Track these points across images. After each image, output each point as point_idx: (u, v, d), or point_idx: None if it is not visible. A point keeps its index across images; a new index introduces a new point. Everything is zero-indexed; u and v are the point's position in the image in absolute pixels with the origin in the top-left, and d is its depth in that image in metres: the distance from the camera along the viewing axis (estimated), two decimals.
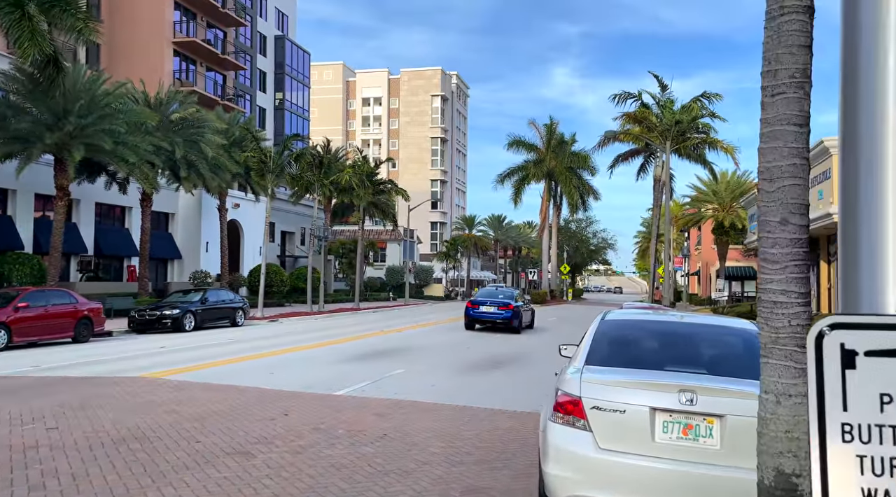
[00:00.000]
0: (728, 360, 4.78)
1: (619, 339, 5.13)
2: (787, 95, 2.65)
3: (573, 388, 4.33)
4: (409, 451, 6.75)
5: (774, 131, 2.65)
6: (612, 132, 25.28)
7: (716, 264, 50.55)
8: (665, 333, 5.32)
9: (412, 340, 19.01)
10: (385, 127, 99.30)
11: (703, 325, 5.57)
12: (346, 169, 32.15)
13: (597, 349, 4.97)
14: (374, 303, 47.60)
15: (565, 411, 4.29)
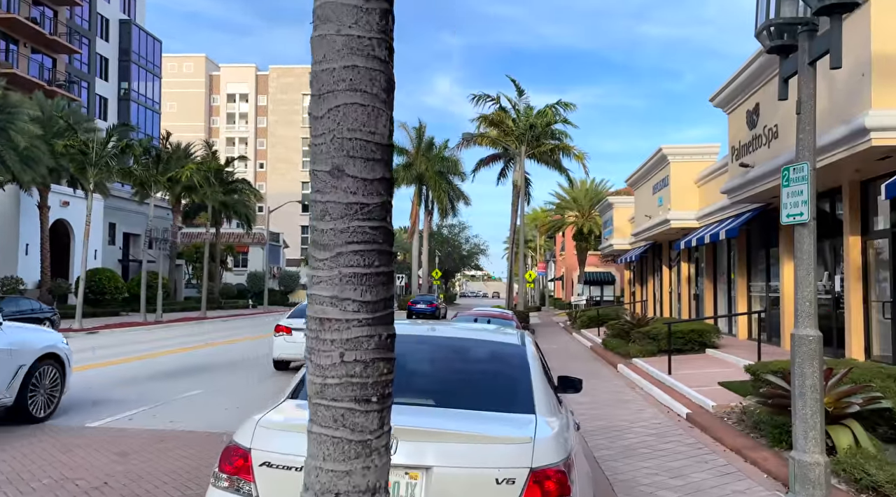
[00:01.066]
0: (470, 386, 3.80)
1: None
2: None
3: (244, 436, 3.06)
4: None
5: (326, 6, 1.52)
6: (469, 134, 24.74)
7: (577, 269, 52.10)
8: (413, 352, 4.16)
9: (238, 353, 17.14)
10: (252, 125, 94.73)
11: (467, 340, 4.45)
12: (188, 165, 29.27)
13: None
14: (229, 311, 44.37)
15: (231, 470, 3.00)
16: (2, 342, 7.67)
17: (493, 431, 3.06)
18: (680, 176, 20.15)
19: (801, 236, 5.39)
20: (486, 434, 2.99)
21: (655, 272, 28.00)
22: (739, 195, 13.99)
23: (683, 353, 14.87)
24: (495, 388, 3.71)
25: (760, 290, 16.32)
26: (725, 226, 15.90)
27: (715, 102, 14.86)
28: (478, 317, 12.31)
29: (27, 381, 7.91)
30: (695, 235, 18.21)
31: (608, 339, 18.67)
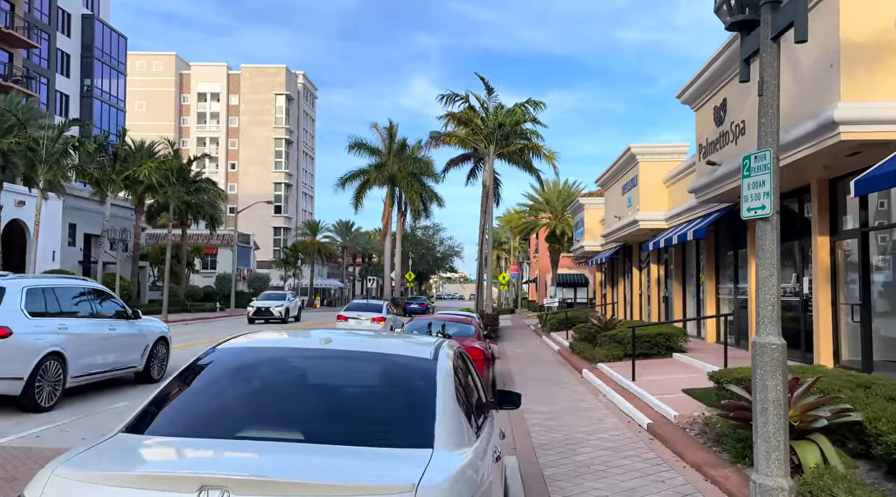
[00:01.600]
0: (355, 413, 3.06)
1: (208, 384, 3.23)
2: None
3: (35, 489, 2.37)
4: None
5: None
6: (436, 133, 24.11)
7: (550, 271, 51.77)
8: (289, 370, 3.47)
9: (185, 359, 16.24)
10: (224, 125, 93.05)
11: (365, 354, 3.62)
12: (147, 163, 28.18)
13: (161, 401, 3.04)
14: (194, 314, 43.16)
15: None
16: (137, 329, 11.52)
17: (362, 477, 2.35)
18: (649, 176, 19.74)
19: (762, 233, 4.85)
20: (350, 483, 2.28)
21: (626, 274, 27.63)
22: (706, 194, 13.55)
23: (650, 358, 14.38)
24: (387, 415, 3.02)
25: (729, 293, 15.92)
26: (693, 226, 15.47)
27: (682, 99, 14.42)
28: (433, 321, 11.67)
29: (150, 355, 11.79)
30: (663, 236, 17.79)
31: (575, 343, 18.16)
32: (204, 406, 3.05)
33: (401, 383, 3.31)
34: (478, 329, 12.11)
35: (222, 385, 3.24)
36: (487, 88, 26.34)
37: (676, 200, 18.77)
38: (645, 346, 14.31)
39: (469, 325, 12.06)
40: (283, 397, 3.10)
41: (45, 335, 9.26)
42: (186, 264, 51.88)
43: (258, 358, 3.58)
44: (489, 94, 26.49)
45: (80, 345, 9.84)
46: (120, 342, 10.85)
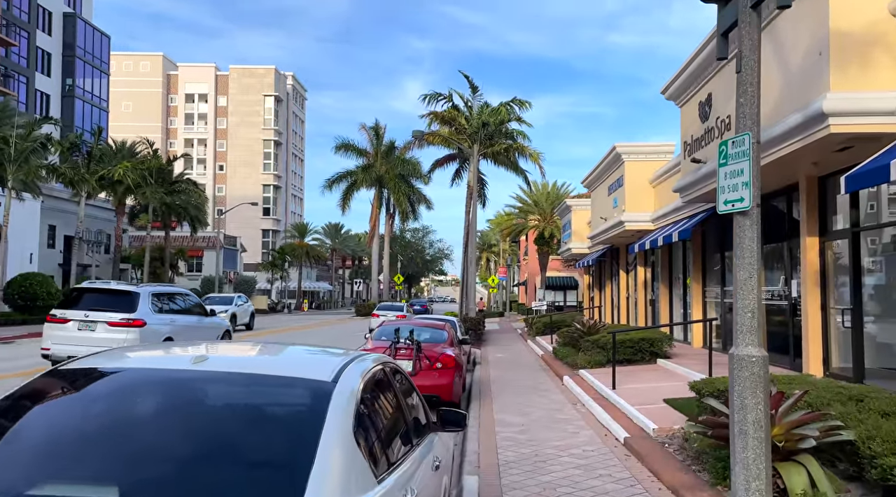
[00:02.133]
0: (200, 461, 2.26)
1: (13, 420, 2.49)
2: None
3: None
4: None
5: None
6: (419, 132, 23.44)
7: (539, 274, 51.24)
8: (123, 405, 2.66)
9: None
10: (212, 126, 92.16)
11: (239, 376, 2.79)
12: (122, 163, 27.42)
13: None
14: None
15: None
16: (212, 322, 15.16)
17: None
18: (634, 176, 19.21)
19: (741, 229, 4.28)
20: None
21: (613, 277, 27.10)
22: (691, 194, 13.01)
23: (633, 364, 13.82)
24: (247, 462, 2.25)
25: (715, 296, 15.38)
26: (679, 227, 14.93)
27: (667, 95, 13.89)
28: (401, 327, 11.05)
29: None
30: (649, 238, 17.24)
31: (559, 348, 17.58)
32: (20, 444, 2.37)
33: (277, 416, 2.62)
34: (451, 335, 11.50)
35: (31, 423, 2.48)
36: (472, 87, 25.78)
37: (663, 201, 18.24)
38: (628, 351, 13.74)
39: (441, 331, 11.44)
40: (109, 440, 2.35)
41: (163, 326, 13.11)
42: (170, 267, 51.07)
43: (95, 387, 2.77)
44: (474, 93, 25.94)
45: (182, 332, 13.48)
46: (203, 331, 14.61)
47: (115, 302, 12.77)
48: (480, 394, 12.12)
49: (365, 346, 10.57)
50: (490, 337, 27.87)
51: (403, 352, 10.20)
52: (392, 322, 11.95)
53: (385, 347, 10.27)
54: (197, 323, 14.45)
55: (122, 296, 13.02)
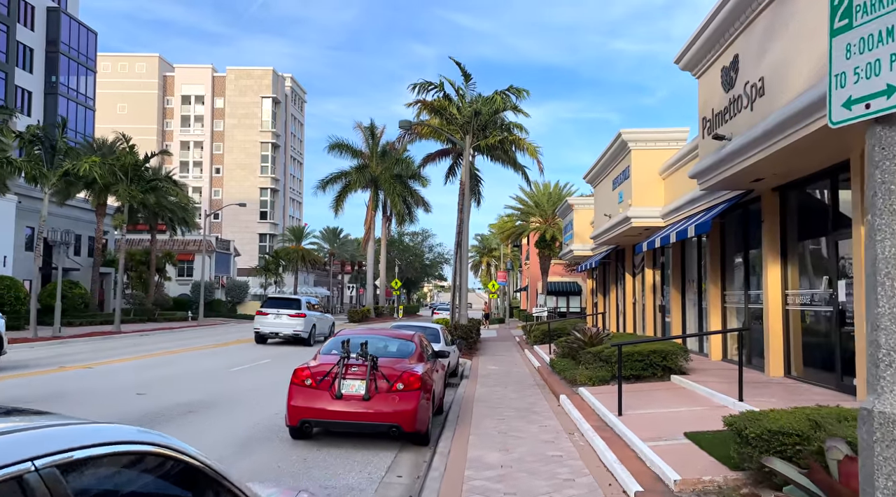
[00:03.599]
0: None
1: None
2: None
3: None
4: None
5: None
6: (406, 122, 21.38)
7: (541, 279, 49.10)
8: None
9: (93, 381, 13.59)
10: (208, 128, 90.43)
11: None
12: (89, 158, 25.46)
13: None
14: (159, 324, 40.33)
15: None
16: (326, 316, 27.65)
17: None
18: (642, 166, 17.13)
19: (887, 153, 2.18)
20: None
21: (618, 280, 24.98)
22: (712, 178, 10.93)
23: (643, 381, 11.72)
24: None
25: (737, 301, 13.27)
26: (695, 221, 12.85)
27: (682, 64, 11.82)
28: (352, 338, 9.01)
29: (330, 330, 26.48)
30: (659, 235, 15.15)
31: (557, 360, 15.48)
32: None
33: None
34: (421, 347, 9.41)
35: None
36: (464, 75, 23.73)
37: (674, 194, 16.17)
38: (637, 366, 11.65)
39: (408, 343, 9.34)
40: None
41: (311, 317, 24.34)
42: (157, 271, 49.11)
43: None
44: (466, 82, 23.88)
45: (316, 322, 24.77)
46: (323, 323, 25.99)
47: (289, 304, 24.52)
48: (459, 417, 10.05)
49: (306, 364, 8.52)
50: (486, 345, 25.77)
51: (356, 369, 8.14)
52: (347, 332, 9.88)
53: (332, 364, 8.22)
54: (321, 316, 26.50)
55: (292, 301, 24.95)
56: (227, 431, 8.92)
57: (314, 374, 8.17)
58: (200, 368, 16.47)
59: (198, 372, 15.70)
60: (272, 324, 23.45)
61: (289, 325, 23.16)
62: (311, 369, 8.23)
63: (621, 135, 17.11)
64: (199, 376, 14.77)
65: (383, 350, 9.02)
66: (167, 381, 13.61)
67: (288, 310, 23.51)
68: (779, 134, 8.39)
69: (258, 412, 10.23)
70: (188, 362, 17.98)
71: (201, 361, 18.30)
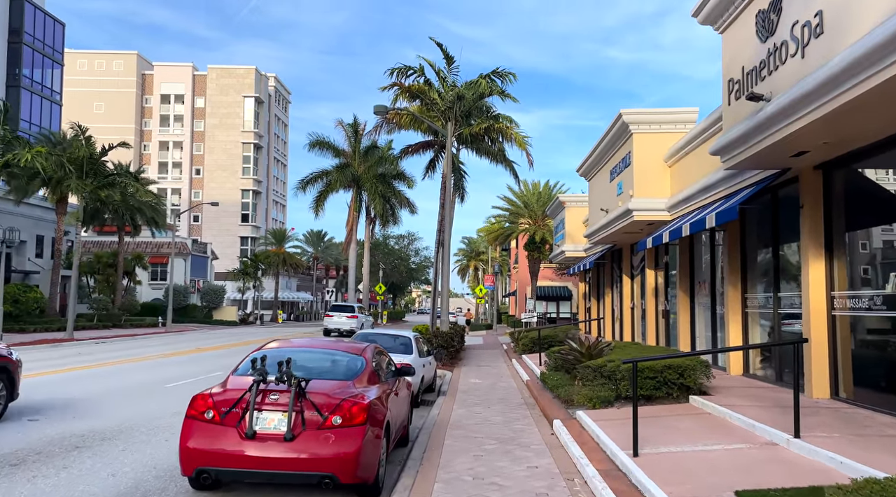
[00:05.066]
0: None
1: None
2: None
3: None
4: None
5: None
6: (382, 107, 19.18)
7: (530, 283, 46.99)
8: None
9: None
10: (188, 128, 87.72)
11: None
12: (33, 148, 23.05)
13: None
14: (122, 331, 37.76)
15: None
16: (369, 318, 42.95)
17: None
18: (646, 152, 15.05)
19: None
20: None
21: (614, 283, 22.90)
22: (741, 153, 8.83)
23: (655, 402, 9.57)
24: None
25: (764, 304, 11.18)
26: (716, 208, 10.74)
27: (701, 17, 9.74)
28: (270, 353, 6.79)
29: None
30: (668, 228, 13.04)
31: (549, 373, 13.30)
32: None
33: None
34: (373, 365, 7.17)
35: None
36: (447, 57, 21.57)
37: (683, 182, 14.09)
38: (647, 385, 9.50)
39: (355, 359, 7.07)
40: None
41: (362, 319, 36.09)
42: (125, 274, 46.52)
43: None
44: (449, 65, 21.72)
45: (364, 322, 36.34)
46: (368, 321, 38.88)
47: (348, 308, 35.71)
48: (427, 452, 7.86)
49: (209, 390, 6.26)
50: (470, 354, 23.58)
51: (276, 397, 5.91)
52: (272, 347, 7.62)
53: (243, 389, 5.99)
54: (366, 318, 37.17)
55: (349, 307, 36.10)
56: (110, 478, 6.66)
57: (218, 403, 5.94)
58: (134, 383, 14.16)
59: (128, 387, 13.39)
60: (336, 322, 34.19)
61: (346, 322, 33.95)
62: (215, 397, 6.00)
63: (622, 116, 15.01)
64: (127, 393, 12.46)
65: (320, 369, 6.80)
66: (83, 401, 11.29)
67: (346, 313, 35.62)
68: (845, 83, 6.31)
69: (164, 446, 7.97)
70: (126, 375, 15.66)
71: (143, 373, 15.98)
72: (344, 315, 34.73)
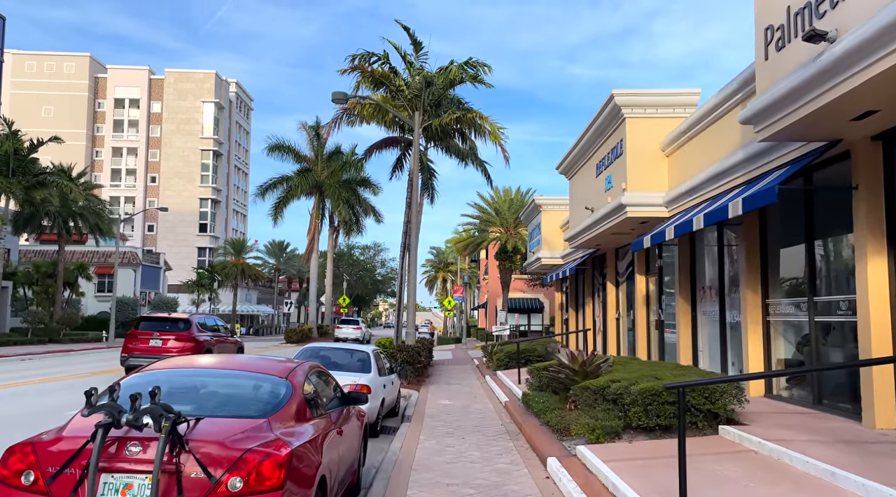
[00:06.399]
0: None
1: None
2: None
3: None
4: None
5: None
6: (341, 94, 17.03)
7: (501, 295, 45.07)
8: None
9: None
10: (144, 134, 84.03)
11: None
12: None
13: None
14: (62, 346, 34.54)
15: None
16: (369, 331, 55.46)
17: None
18: (640, 139, 13.23)
19: None
20: None
21: (596, 292, 21.05)
22: (787, 117, 6.98)
23: (673, 432, 7.57)
24: None
25: (792, 312, 9.33)
26: (740, 193, 8.88)
27: None
28: (124, 381, 4.62)
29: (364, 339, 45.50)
30: (671, 223, 11.16)
31: (532, 394, 11.24)
32: None
33: None
34: (300, 396, 4.68)
35: None
36: (414, 43, 19.57)
37: (685, 173, 12.28)
38: (665, 412, 7.51)
39: (277, 384, 4.74)
40: None
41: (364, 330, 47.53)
42: (66, 285, 43.16)
43: None
44: (417, 51, 19.75)
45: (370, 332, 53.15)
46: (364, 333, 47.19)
47: (354, 321, 47.39)
48: None
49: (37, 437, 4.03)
50: (438, 371, 21.42)
51: (137, 449, 3.72)
52: (181, 362, 5.43)
53: (85, 437, 3.78)
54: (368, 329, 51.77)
55: (354, 321, 48.16)
56: None
57: (44, 459, 3.74)
58: (35, 409, 11.66)
59: (24, 415, 10.89)
60: (344, 332, 42.26)
61: (353, 333, 42.25)
62: (40, 450, 3.79)
63: (614, 97, 13.16)
64: (15, 425, 9.97)
65: (220, 401, 4.61)
66: None
67: (352, 325, 45.00)
68: None
69: None
70: (29, 398, 13.11)
71: (53, 397, 13.45)
72: (350, 327, 43.93)
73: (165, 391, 4.33)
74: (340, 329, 43.47)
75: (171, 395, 4.42)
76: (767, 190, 7.60)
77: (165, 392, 4.31)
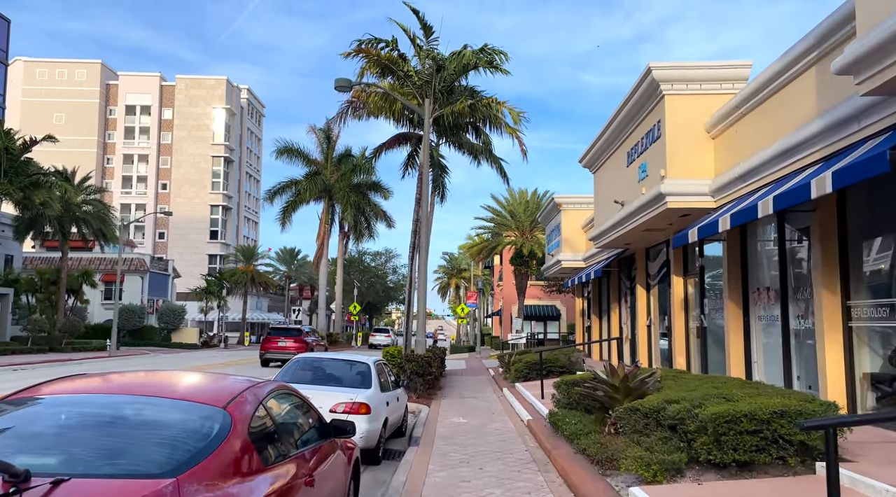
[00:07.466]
0: None
1: None
2: None
3: None
4: None
5: None
6: (345, 80, 15.58)
7: (516, 301, 43.32)
8: None
9: None
10: (155, 141, 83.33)
11: None
12: None
13: None
14: (62, 355, 33.28)
15: None
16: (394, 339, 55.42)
17: None
18: (681, 119, 11.56)
19: None
20: None
21: (623, 296, 19.32)
22: None
23: (757, 473, 5.90)
24: None
25: (886, 316, 7.59)
26: (828, 166, 7.19)
27: None
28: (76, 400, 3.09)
29: None
30: (725, 212, 9.45)
31: (562, 413, 9.55)
32: None
33: None
34: (242, 436, 3.04)
35: None
36: (424, 27, 18.04)
37: (737, 155, 10.58)
38: (745, 444, 5.81)
39: (195, 418, 3.13)
40: None
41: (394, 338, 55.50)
42: (70, 292, 42.02)
43: None
44: (427, 36, 18.22)
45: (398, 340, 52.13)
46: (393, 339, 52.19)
47: (385, 330, 57.50)
48: None
49: None
50: (451, 382, 19.75)
51: None
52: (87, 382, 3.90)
53: None
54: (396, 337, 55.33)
55: (385, 330, 59.25)
56: None
57: None
58: None
59: None
60: (377, 340, 50.05)
61: (384, 340, 49.30)
62: None
63: (651, 70, 11.50)
64: None
65: (98, 449, 2.94)
66: None
67: (383, 333, 53.96)
68: None
69: None
70: None
71: None
72: (382, 335, 52.22)
73: (26, 430, 2.75)
74: (374, 337, 53.31)
75: (34, 437, 2.82)
76: (875, 157, 5.90)
77: (25, 432, 2.73)
